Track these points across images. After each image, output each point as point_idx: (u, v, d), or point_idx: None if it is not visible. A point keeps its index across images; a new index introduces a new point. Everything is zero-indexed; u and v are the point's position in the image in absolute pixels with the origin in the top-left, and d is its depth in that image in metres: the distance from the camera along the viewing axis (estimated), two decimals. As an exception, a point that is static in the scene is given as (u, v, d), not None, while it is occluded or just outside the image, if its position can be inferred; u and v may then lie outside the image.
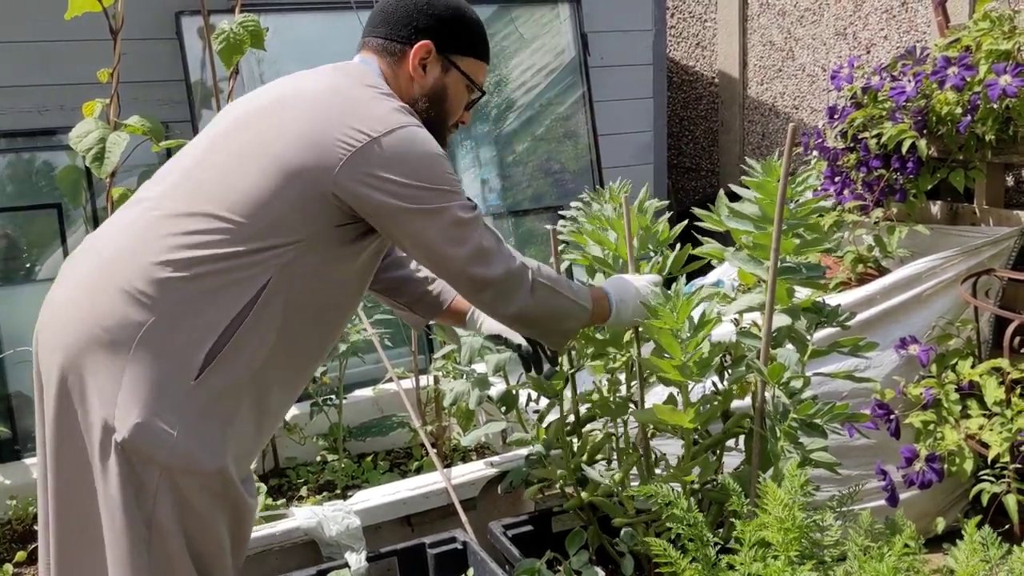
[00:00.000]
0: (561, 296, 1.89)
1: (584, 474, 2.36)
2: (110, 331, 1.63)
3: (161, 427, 1.60)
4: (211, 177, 1.71)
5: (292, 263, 1.67)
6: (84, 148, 2.43)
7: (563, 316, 1.91)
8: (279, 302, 1.67)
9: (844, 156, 3.34)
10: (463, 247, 1.73)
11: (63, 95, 3.47)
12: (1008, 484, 2.56)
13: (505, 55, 4.42)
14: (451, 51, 1.86)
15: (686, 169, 5.70)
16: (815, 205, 2.02)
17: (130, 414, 1.60)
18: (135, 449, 1.60)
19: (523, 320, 1.85)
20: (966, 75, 2.97)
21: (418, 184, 1.69)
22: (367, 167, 1.66)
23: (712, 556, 1.77)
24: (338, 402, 3.01)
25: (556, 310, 1.89)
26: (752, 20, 5.06)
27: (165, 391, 1.61)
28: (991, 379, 2.71)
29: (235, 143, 1.73)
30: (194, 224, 1.66)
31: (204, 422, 1.63)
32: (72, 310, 1.69)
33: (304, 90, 1.77)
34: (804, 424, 1.92)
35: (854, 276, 3.19)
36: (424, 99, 1.86)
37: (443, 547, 2.38)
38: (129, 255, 1.68)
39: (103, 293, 1.66)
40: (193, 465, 1.62)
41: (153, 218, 1.71)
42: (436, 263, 1.78)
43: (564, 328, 1.95)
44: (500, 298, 1.79)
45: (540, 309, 1.85)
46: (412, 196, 1.69)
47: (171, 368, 1.62)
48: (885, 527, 1.87)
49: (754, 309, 2.07)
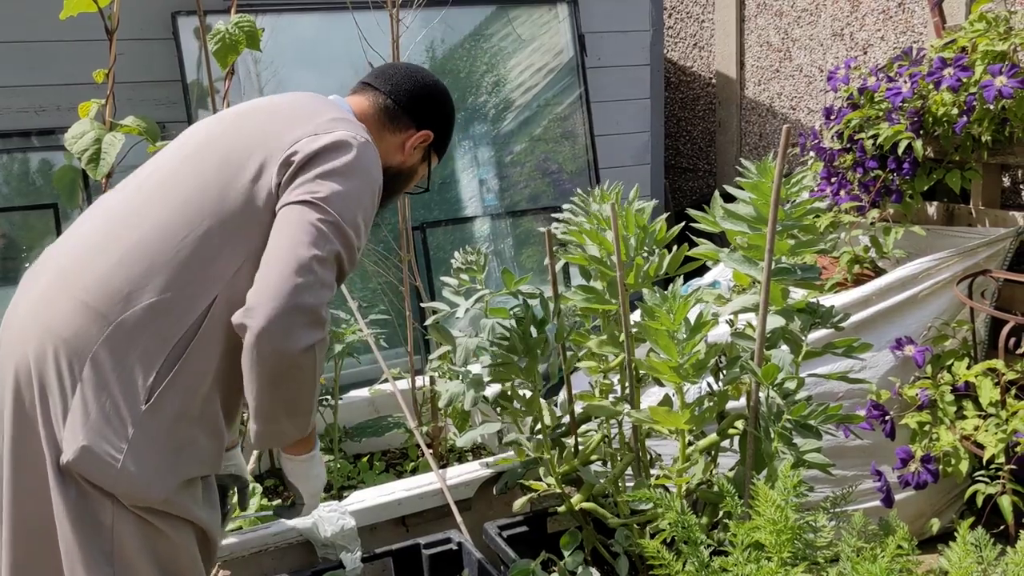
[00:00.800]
0: (315, 383, 1.68)
1: (579, 475, 2.36)
2: (66, 344, 1.61)
3: (107, 451, 1.57)
4: (164, 194, 1.71)
5: (237, 277, 1.64)
6: (80, 149, 2.42)
7: (310, 392, 1.67)
8: (225, 320, 1.63)
9: (840, 157, 3.35)
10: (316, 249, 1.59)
11: (59, 95, 3.47)
12: (1003, 485, 2.56)
13: (503, 55, 4.42)
14: (436, 148, 2.00)
15: (683, 169, 5.70)
16: (810, 206, 2.02)
17: (76, 436, 1.58)
18: (81, 472, 1.58)
19: (296, 364, 1.58)
20: (962, 76, 2.97)
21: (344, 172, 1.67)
22: (308, 146, 1.67)
23: (705, 558, 1.77)
24: (334, 403, 3.00)
25: (311, 384, 1.66)
26: (749, 21, 5.06)
27: (113, 415, 1.58)
28: (986, 380, 2.71)
29: (190, 164, 1.74)
30: (145, 240, 1.65)
31: (153, 448, 1.60)
32: (31, 320, 1.67)
33: (260, 103, 1.85)
34: (798, 425, 1.92)
35: (850, 277, 3.19)
36: (396, 170, 1.93)
37: (438, 548, 2.38)
38: (87, 267, 1.66)
39: (61, 304, 1.64)
40: (137, 492, 1.59)
41: (109, 230, 1.70)
42: (282, 251, 1.60)
43: (304, 403, 1.68)
44: (301, 324, 1.56)
45: (309, 370, 1.61)
46: (331, 172, 1.66)
47: (121, 390, 1.59)
48: (879, 528, 1.87)
49: (749, 310, 2.07)
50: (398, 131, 1.92)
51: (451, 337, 2.57)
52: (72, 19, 2.52)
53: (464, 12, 4.24)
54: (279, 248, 1.60)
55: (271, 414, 1.64)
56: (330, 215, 1.61)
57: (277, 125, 1.73)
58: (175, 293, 1.62)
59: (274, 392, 1.60)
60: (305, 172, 1.65)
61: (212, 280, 1.64)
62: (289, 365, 1.56)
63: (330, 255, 1.60)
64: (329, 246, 1.60)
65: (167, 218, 1.67)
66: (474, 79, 4.34)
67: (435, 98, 1.96)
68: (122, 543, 1.61)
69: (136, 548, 1.62)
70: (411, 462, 3.08)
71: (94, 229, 1.73)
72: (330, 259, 1.60)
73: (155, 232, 1.66)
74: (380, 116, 1.91)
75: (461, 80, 4.29)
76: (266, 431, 1.67)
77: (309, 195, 1.62)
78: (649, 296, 2.01)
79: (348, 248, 1.64)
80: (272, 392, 1.60)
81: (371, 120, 1.89)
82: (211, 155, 1.72)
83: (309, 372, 1.60)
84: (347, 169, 1.66)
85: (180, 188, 1.70)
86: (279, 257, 1.58)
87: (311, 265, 1.57)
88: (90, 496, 1.60)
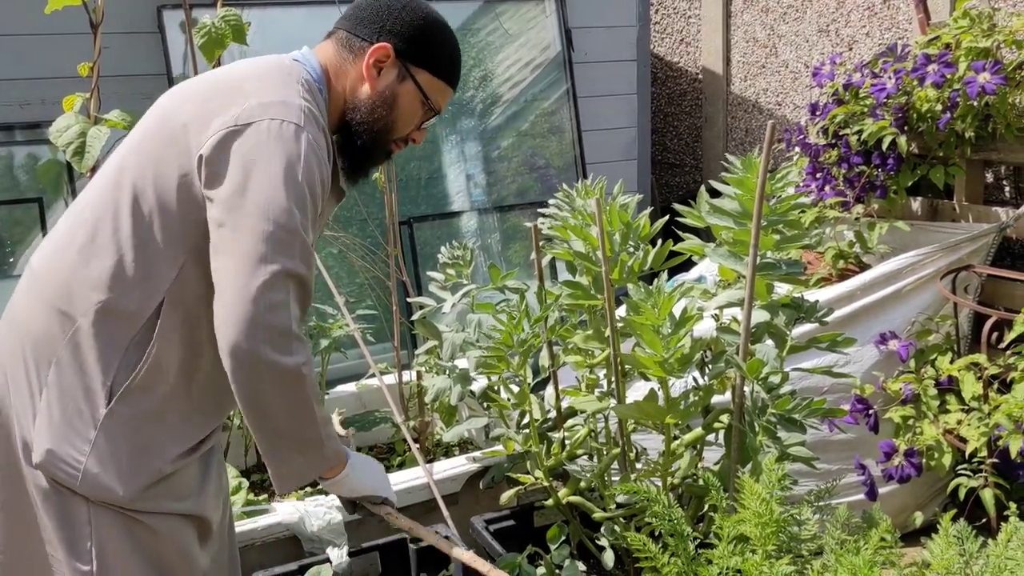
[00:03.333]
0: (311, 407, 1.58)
1: (565, 469, 2.37)
2: (34, 343, 1.62)
3: (71, 454, 1.58)
4: (110, 190, 1.65)
5: (181, 276, 1.60)
6: (65, 142, 2.41)
7: (309, 420, 1.57)
8: (175, 319, 1.61)
9: (826, 152, 3.36)
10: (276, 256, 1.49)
11: (44, 89, 3.45)
12: (985, 479, 2.58)
13: (490, 50, 4.42)
14: (411, 60, 1.73)
15: (670, 165, 5.72)
16: (795, 202, 2.03)
17: (43, 439, 1.59)
18: (49, 475, 1.59)
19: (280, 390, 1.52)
20: (946, 72, 2.99)
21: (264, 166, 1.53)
22: (226, 142, 1.55)
23: (691, 550, 1.78)
24: (320, 398, 3.00)
25: (306, 410, 1.56)
26: (736, 16, 5.07)
27: (75, 419, 1.59)
28: (969, 374, 2.73)
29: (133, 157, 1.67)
30: (93, 239, 1.62)
31: (115, 450, 1.59)
32: (9, 318, 1.69)
33: (202, 82, 1.71)
34: (782, 419, 1.93)
35: (835, 272, 3.21)
36: (370, 103, 1.72)
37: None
38: (55, 270, 1.65)
39: (34, 302, 1.65)
40: (102, 494, 1.59)
41: (69, 228, 1.68)
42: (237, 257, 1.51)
43: (307, 433, 1.59)
44: (270, 350, 1.48)
45: (297, 394, 1.53)
46: (252, 171, 1.52)
47: (81, 394, 1.59)
48: (862, 521, 1.89)
49: (734, 305, 2.09)
50: (357, 57, 1.72)
51: (438, 332, 2.58)
52: (57, 12, 2.51)
53: (451, 7, 4.24)
54: (225, 282, 1.50)
55: (278, 453, 1.58)
56: (259, 227, 1.49)
57: (203, 117, 1.60)
58: (120, 293, 1.59)
59: (269, 425, 1.55)
60: (218, 178, 1.54)
61: (155, 280, 1.60)
62: (272, 393, 1.51)
63: (275, 276, 1.49)
64: (271, 267, 1.48)
65: (111, 216, 1.62)
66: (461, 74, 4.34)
67: (390, 7, 1.73)
68: (102, 539, 1.61)
69: (117, 542, 1.61)
70: (398, 457, 3.09)
71: (60, 226, 1.71)
72: (278, 278, 1.49)
73: (101, 231, 1.62)
74: (340, 51, 1.74)
75: (448, 75, 4.29)
76: (281, 471, 1.60)
77: (231, 210, 1.51)
78: (634, 291, 2.02)
79: (289, 247, 1.51)
80: (267, 426, 1.55)
81: (334, 61, 1.73)
82: (149, 147, 1.64)
83: (297, 396, 1.53)
84: (260, 160, 1.53)
85: (122, 183, 1.63)
86: (225, 290, 1.50)
87: (258, 297, 1.47)
88: (66, 494, 1.60)
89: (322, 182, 1.61)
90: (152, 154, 1.62)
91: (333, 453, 1.64)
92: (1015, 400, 2.51)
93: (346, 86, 1.73)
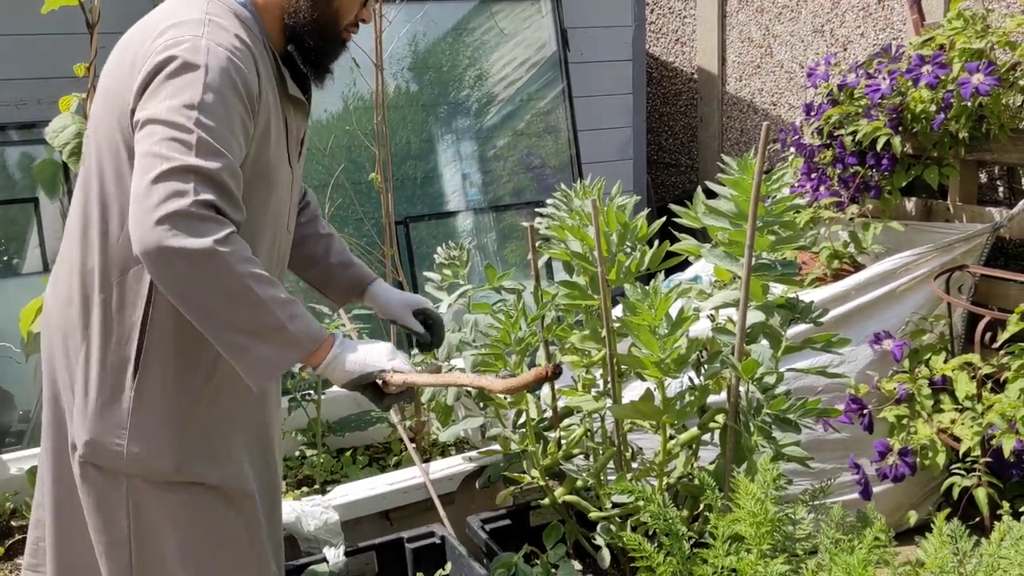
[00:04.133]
0: (254, 282, 1.51)
1: (561, 469, 2.37)
2: (63, 340, 1.70)
3: (112, 440, 1.65)
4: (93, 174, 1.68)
5: None
6: (61, 142, 2.42)
7: (252, 303, 1.51)
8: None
9: (820, 153, 3.38)
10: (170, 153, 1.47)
11: (41, 89, 3.45)
12: (979, 478, 2.59)
13: (486, 50, 4.42)
14: None
15: (665, 164, 5.73)
16: (790, 203, 2.04)
17: (82, 432, 1.67)
18: (95, 462, 1.67)
19: (199, 274, 1.47)
20: (940, 73, 3.01)
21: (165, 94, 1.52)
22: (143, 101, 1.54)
23: (686, 550, 1.79)
24: (316, 397, 3.01)
25: (243, 293, 1.50)
26: (731, 16, 5.08)
27: (108, 406, 1.65)
28: (963, 374, 2.74)
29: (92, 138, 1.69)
30: (87, 229, 1.67)
31: (152, 426, 1.65)
32: (43, 324, 1.78)
33: (119, 45, 1.71)
34: (777, 419, 1.94)
35: (830, 272, 3.22)
36: (308, 2, 1.69)
37: (421, 541, 2.39)
38: (70, 263, 1.71)
39: (54, 303, 1.73)
40: (149, 468, 1.66)
41: (71, 224, 1.72)
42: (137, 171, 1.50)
43: (257, 318, 1.52)
44: (179, 227, 1.44)
45: (222, 276, 1.47)
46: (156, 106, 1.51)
47: (108, 382, 1.65)
48: (857, 520, 1.90)
49: (729, 305, 2.09)
50: None
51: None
52: (54, 12, 2.51)
53: (447, 6, 4.24)
54: (138, 172, 1.49)
55: (236, 346, 1.52)
56: (155, 137, 1.48)
57: (126, 76, 1.59)
58: (121, 279, 1.64)
59: (214, 319, 1.50)
60: (145, 108, 1.53)
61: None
62: (196, 281, 1.46)
63: (168, 172, 1.45)
64: (164, 165, 1.45)
65: (92, 202, 1.66)
66: (457, 73, 4.34)
67: None
68: (138, 511, 1.67)
69: (152, 515, 1.68)
70: (395, 456, 3.09)
71: (69, 216, 1.76)
72: (173, 173, 1.45)
73: (89, 220, 1.66)
74: None
75: (444, 74, 4.29)
76: (249, 366, 1.54)
77: (138, 140, 1.51)
78: (631, 292, 2.02)
79: (184, 145, 1.47)
80: (213, 320, 1.50)
81: None
82: (100, 125, 1.66)
83: (227, 278, 1.46)
84: (162, 88, 1.52)
85: (91, 167, 1.67)
86: (137, 179, 1.48)
87: (152, 191, 1.44)
88: (106, 480, 1.67)
89: (244, 82, 1.57)
90: (102, 129, 1.64)
91: (303, 335, 1.55)
92: (1008, 400, 2.53)
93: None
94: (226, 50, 1.57)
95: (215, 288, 1.47)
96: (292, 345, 1.55)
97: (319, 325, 1.60)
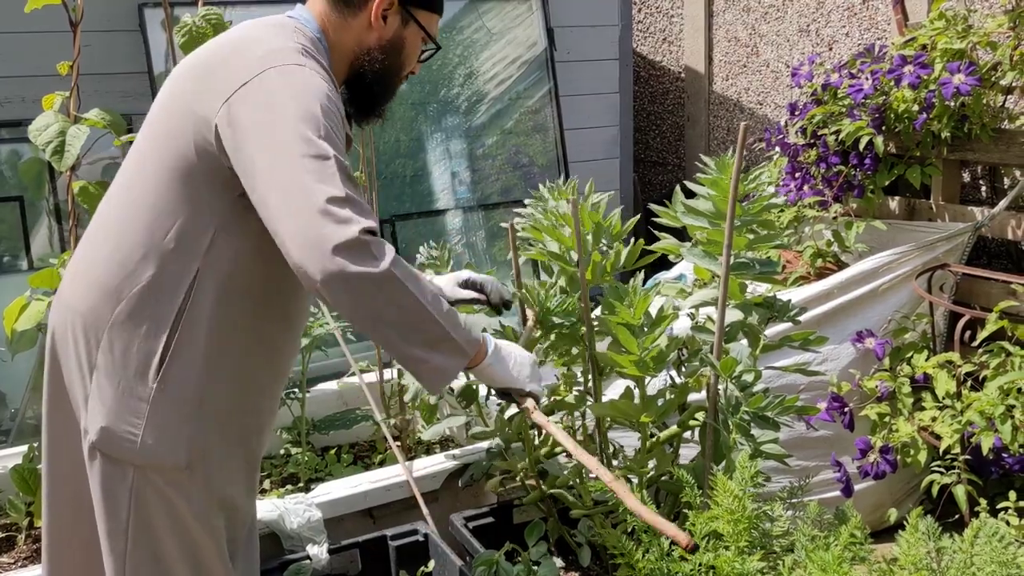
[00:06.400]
0: (420, 302, 1.60)
1: (543, 468, 2.38)
2: (84, 328, 1.70)
3: (127, 429, 1.66)
4: (135, 169, 1.74)
5: (213, 249, 1.66)
6: (44, 141, 2.42)
7: (422, 315, 1.60)
8: (211, 291, 1.66)
9: (804, 152, 3.39)
10: (320, 185, 1.52)
11: (25, 87, 3.45)
12: (958, 475, 2.61)
13: (474, 48, 4.43)
14: (412, 4, 1.84)
15: (653, 163, 5.74)
16: (767, 202, 2.05)
17: (96, 419, 1.68)
18: (106, 451, 1.68)
19: (377, 291, 1.54)
20: (922, 73, 3.02)
21: (277, 112, 1.57)
22: (236, 109, 1.59)
23: (665, 547, 1.81)
24: (301, 395, 3.01)
25: (415, 305, 1.59)
26: (717, 16, 5.10)
27: (127, 395, 1.66)
28: (943, 372, 2.76)
29: (151, 128, 1.75)
30: (125, 219, 1.70)
31: (168, 420, 1.67)
32: (64, 293, 1.78)
33: (201, 54, 1.76)
34: (756, 417, 1.95)
35: (813, 270, 3.24)
36: (380, 50, 1.82)
37: (405, 539, 2.40)
38: (95, 248, 1.74)
39: (80, 283, 1.74)
40: (160, 461, 1.67)
41: (109, 209, 1.76)
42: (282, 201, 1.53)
43: (428, 327, 1.62)
44: (355, 255, 1.50)
45: (398, 290, 1.56)
46: (266, 122, 1.57)
47: (131, 371, 1.66)
48: (834, 517, 1.91)
49: (708, 304, 2.11)
50: (358, 11, 1.79)
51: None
52: (37, 11, 2.51)
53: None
54: (285, 231, 1.52)
55: (414, 358, 1.62)
56: (295, 166, 1.53)
57: (210, 87, 1.65)
58: (162, 272, 1.66)
59: (392, 335, 1.59)
60: (240, 140, 1.58)
61: (188, 255, 1.66)
62: (379, 302, 1.54)
63: (327, 203, 1.51)
64: (317, 199, 1.50)
65: (138, 196, 1.70)
66: (445, 72, 4.35)
67: None
68: (140, 505, 1.69)
69: (153, 510, 1.69)
70: (379, 454, 3.10)
71: (102, 206, 1.79)
72: (331, 203, 1.51)
73: (132, 211, 1.70)
74: (335, 8, 1.79)
75: (432, 72, 4.30)
76: (425, 375, 1.65)
77: (263, 166, 1.55)
78: (609, 291, 2.04)
79: (327, 173, 1.53)
80: (391, 336, 1.59)
81: (329, 16, 1.80)
82: (160, 127, 1.71)
83: (402, 296, 1.56)
84: (274, 107, 1.57)
85: (144, 163, 1.71)
86: (289, 239, 1.51)
87: (320, 225, 1.50)
88: (113, 468, 1.69)
89: (338, 108, 1.65)
90: (167, 134, 1.68)
91: (465, 342, 1.67)
92: (987, 397, 2.55)
93: (350, 39, 1.80)
94: (324, 78, 1.66)
95: (392, 307, 1.56)
96: (459, 353, 1.67)
97: (475, 332, 1.72)
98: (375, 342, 1.61)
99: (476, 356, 1.72)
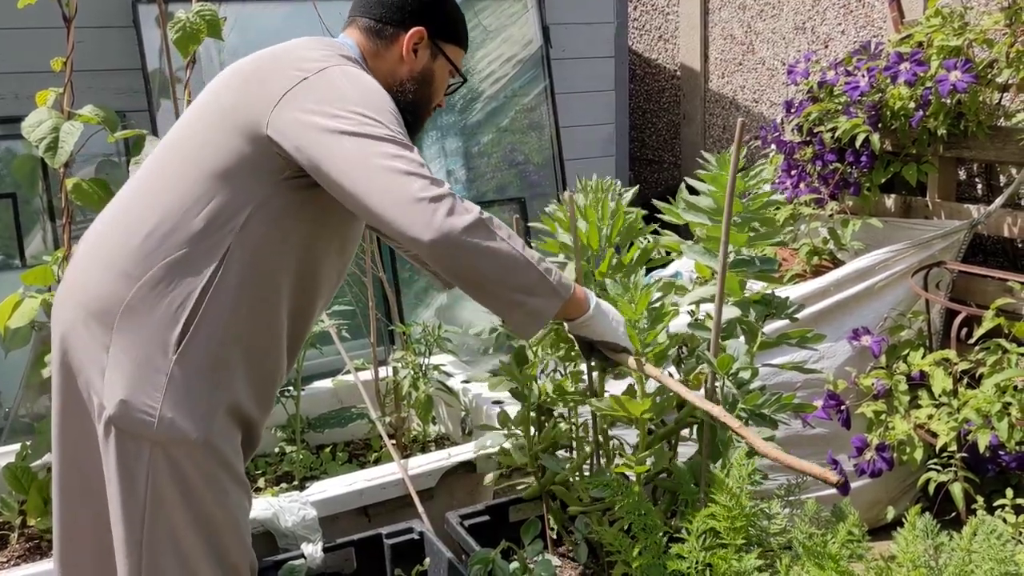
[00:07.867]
0: (509, 238, 1.70)
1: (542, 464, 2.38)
2: (97, 305, 1.72)
3: (145, 402, 1.67)
4: (173, 155, 1.79)
5: (247, 228, 1.70)
6: (37, 137, 2.40)
7: (515, 264, 1.68)
8: (240, 268, 1.70)
9: (800, 150, 3.39)
10: (403, 153, 1.62)
11: (18, 83, 3.43)
12: (955, 473, 2.61)
13: (471, 47, 4.41)
14: (440, 38, 1.92)
15: (648, 161, 5.74)
16: (767, 199, 2.05)
17: (115, 392, 1.68)
18: (123, 425, 1.68)
19: (472, 246, 1.62)
20: (918, 71, 3.02)
21: (350, 110, 1.65)
22: (298, 101, 1.67)
23: (662, 544, 1.80)
24: (296, 393, 3.01)
25: (506, 257, 1.67)
26: (713, 13, 5.09)
27: (146, 367, 1.68)
28: (939, 370, 2.76)
29: (196, 114, 1.81)
30: (159, 201, 1.73)
31: (187, 394, 1.68)
32: (69, 285, 1.79)
33: (260, 53, 1.83)
34: (752, 414, 1.95)
35: (809, 268, 3.23)
36: (412, 82, 1.90)
37: (400, 537, 2.39)
38: (113, 230, 1.77)
39: (93, 269, 1.75)
40: (179, 435, 1.68)
41: (134, 194, 1.80)
42: (373, 196, 1.62)
43: (521, 276, 1.69)
44: (452, 213, 1.60)
45: (488, 246, 1.64)
46: (342, 118, 1.64)
47: (151, 344, 1.68)
48: (831, 515, 1.91)
49: (707, 301, 2.10)
50: (390, 43, 1.89)
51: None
52: (30, 7, 2.49)
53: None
54: (385, 212, 1.59)
55: (510, 301, 1.69)
56: (373, 151, 1.61)
57: (257, 91, 1.73)
58: (191, 248, 1.69)
59: (491, 282, 1.66)
60: (301, 133, 1.65)
61: (223, 232, 1.70)
62: (478, 253, 1.62)
63: (410, 174, 1.60)
64: (400, 174, 1.59)
65: (175, 179, 1.74)
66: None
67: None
68: (157, 480, 1.70)
69: (170, 486, 1.70)
70: (374, 452, 3.09)
71: (124, 193, 1.83)
72: (413, 174, 1.60)
73: (167, 194, 1.73)
74: (369, 39, 1.89)
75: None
76: (520, 318, 1.71)
77: (337, 155, 1.62)
78: (612, 286, 2.03)
79: (403, 152, 1.62)
80: (489, 283, 1.66)
81: (366, 46, 1.89)
82: (209, 116, 1.77)
83: (491, 243, 1.63)
84: (336, 100, 1.66)
85: (185, 148, 1.77)
86: (391, 218, 1.59)
87: (414, 171, 1.60)
88: (130, 445, 1.69)
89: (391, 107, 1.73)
90: (210, 128, 1.74)
91: (560, 285, 1.73)
92: (983, 395, 2.54)
93: (384, 69, 1.88)
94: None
95: (490, 254, 1.64)
96: (555, 295, 1.73)
97: (569, 280, 1.77)
98: (471, 293, 1.70)
99: (579, 307, 1.80)
